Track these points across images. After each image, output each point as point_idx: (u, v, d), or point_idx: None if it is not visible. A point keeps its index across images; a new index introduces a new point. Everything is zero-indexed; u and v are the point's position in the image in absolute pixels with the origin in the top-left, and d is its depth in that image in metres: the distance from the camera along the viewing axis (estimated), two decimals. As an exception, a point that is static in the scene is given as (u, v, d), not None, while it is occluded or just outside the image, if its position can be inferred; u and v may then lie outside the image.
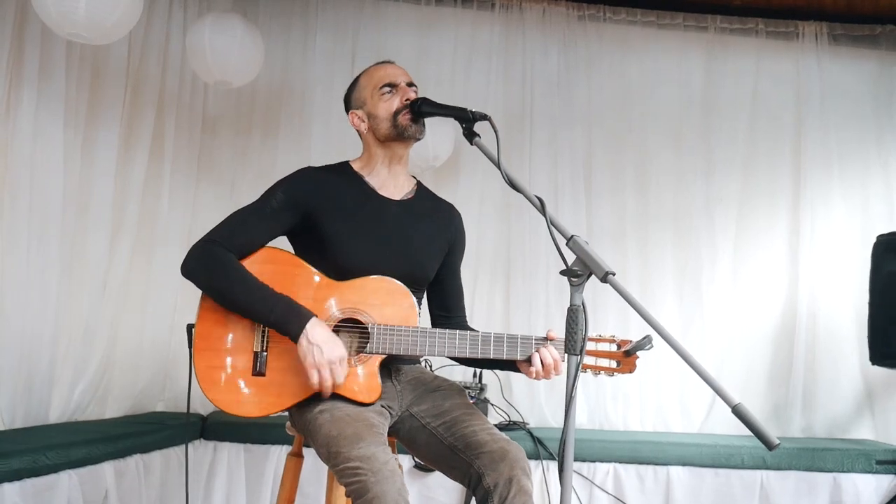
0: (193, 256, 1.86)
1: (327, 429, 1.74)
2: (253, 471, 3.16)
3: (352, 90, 2.14)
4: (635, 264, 3.80)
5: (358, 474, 1.60)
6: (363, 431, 1.72)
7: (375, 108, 2.04)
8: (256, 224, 1.93)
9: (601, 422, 3.71)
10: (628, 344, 1.89)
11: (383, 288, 1.92)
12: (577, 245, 1.56)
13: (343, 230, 1.96)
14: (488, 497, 1.75)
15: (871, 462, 3.18)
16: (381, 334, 1.88)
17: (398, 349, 1.87)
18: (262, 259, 1.92)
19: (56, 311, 3.01)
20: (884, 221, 3.72)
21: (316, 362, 1.78)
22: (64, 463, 2.42)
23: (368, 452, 1.64)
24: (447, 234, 2.16)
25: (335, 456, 1.67)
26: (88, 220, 3.21)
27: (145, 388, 3.43)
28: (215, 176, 3.76)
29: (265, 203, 1.96)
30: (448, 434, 1.88)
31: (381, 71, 2.09)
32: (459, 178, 3.84)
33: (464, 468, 1.82)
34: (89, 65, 3.18)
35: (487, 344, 1.88)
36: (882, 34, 3.91)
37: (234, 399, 1.86)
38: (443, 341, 1.88)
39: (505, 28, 3.94)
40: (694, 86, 3.95)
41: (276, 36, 3.82)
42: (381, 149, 2.07)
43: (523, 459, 1.79)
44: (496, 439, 1.82)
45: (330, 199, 1.99)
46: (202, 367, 1.87)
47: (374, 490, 1.58)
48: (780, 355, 3.76)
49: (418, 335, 1.88)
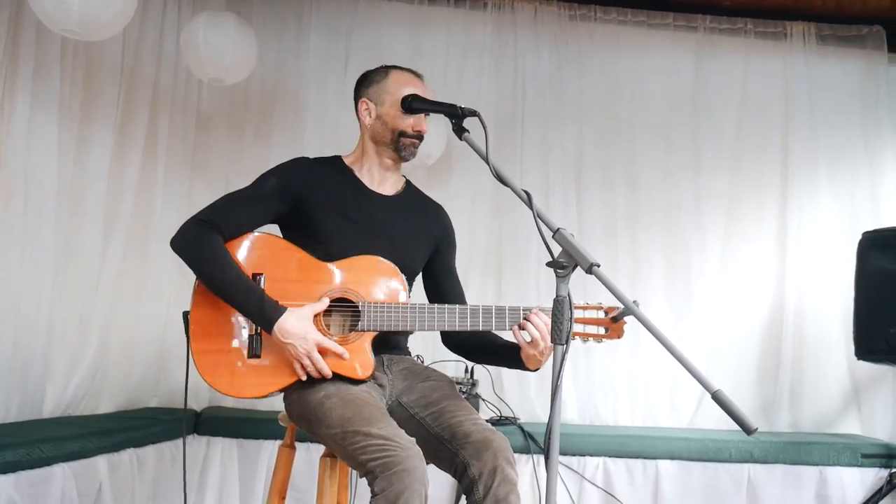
0: (185, 234, 1.92)
1: (340, 411, 1.77)
2: (246, 465, 3.18)
3: (374, 80, 2.11)
4: (625, 261, 3.84)
5: (386, 449, 1.64)
6: (378, 414, 1.77)
7: (389, 115, 2.05)
8: (248, 207, 1.98)
9: (591, 417, 3.75)
10: (615, 310, 1.92)
11: (372, 266, 1.97)
12: (563, 237, 1.59)
13: (331, 220, 2.01)
14: (473, 486, 1.79)
15: (856, 455, 3.22)
16: (372, 311, 1.92)
17: (389, 325, 1.91)
18: (254, 244, 1.98)
19: (50, 307, 3.03)
20: (869, 218, 3.76)
21: (295, 356, 1.85)
22: (58, 456, 2.44)
23: (391, 431, 1.69)
24: (434, 230, 2.20)
25: (353, 434, 1.70)
26: (83, 216, 3.23)
27: (139, 383, 3.46)
28: (209, 174, 3.78)
29: (258, 188, 2.02)
30: (435, 424, 1.91)
31: (412, 88, 2.05)
32: (452, 176, 3.88)
33: (450, 458, 1.85)
34: (83, 63, 3.20)
35: (476, 316, 1.91)
36: (868, 35, 3.95)
37: (232, 381, 1.90)
38: (432, 316, 1.92)
39: (497, 27, 3.98)
40: (684, 85, 3.99)
41: (270, 35, 3.84)
42: (374, 146, 2.11)
43: (507, 449, 1.82)
44: (481, 429, 1.84)
45: (320, 190, 2.03)
46: (198, 352, 1.91)
47: (404, 464, 1.62)
48: (767, 350, 3.81)
49: (408, 311, 1.92)
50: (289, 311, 1.86)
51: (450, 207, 3.77)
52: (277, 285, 1.94)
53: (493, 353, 2.11)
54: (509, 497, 1.77)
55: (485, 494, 1.76)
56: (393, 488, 1.60)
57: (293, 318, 1.86)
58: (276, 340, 1.86)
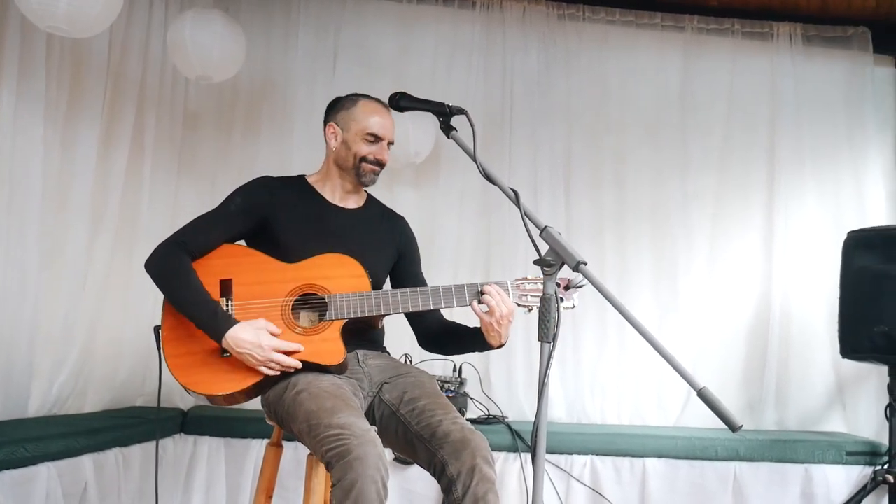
0: (154, 256, 2.05)
1: (307, 405, 1.81)
2: (233, 465, 3.17)
3: (344, 106, 2.23)
4: (613, 260, 3.85)
5: (340, 438, 1.67)
6: (341, 405, 1.80)
7: (353, 141, 2.18)
8: (215, 227, 2.10)
9: (579, 415, 3.76)
10: (566, 281, 2.02)
11: (336, 263, 2.06)
12: (550, 236, 1.60)
13: (296, 235, 2.11)
14: (452, 486, 1.81)
15: (841, 453, 3.24)
16: (339, 301, 2.00)
17: (356, 311, 1.99)
18: (220, 254, 2.08)
19: (35, 306, 3.00)
20: (854, 218, 3.78)
21: (258, 362, 1.91)
22: (42, 455, 2.42)
23: (349, 421, 1.71)
24: (395, 240, 2.30)
25: (315, 428, 1.73)
26: (68, 215, 3.20)
27: (125, 382, 3.43)
28: (196, 173, 3.76)
29: (225, 207, 2.14)
30: (415, 422, 1.93)
31: (378, 118, 2.19)
32: (440, 175, 3.88)
33: (429, 458, 1.88)
34: (69, 60, 3.16)
35: (437, 295, 2.02)
36: (854, 35, 3.98)
37: (208, 379, 1.94)
38: (396, 298, 2.01)
39: (486, 26, 3.98)
40: (671, 84, 4.00)
41: (258, 32, 3.83)
42: (337, 169, 2.23)
43: (485, 448, 1.85)
44: (459, 429, 1.86)
45: (284, 206, 2.14)
46: (172, 356, 1.97)
47: (356, 452, 1.64)
48: (754, 349, 3.83)
49: (373, 296, 2.01)
50: (241, 323, 1.93)
51: (438, 206, 3.84)
52: (245, 289, 2.03)
53: (460, 339, 2.19)
54: (488, 496, 1.79)
55: (463, 494, 1.78)
56: (347, 477, 1.63)
57: (244, 328, 1.92)
58: (232, 352, 1.91)
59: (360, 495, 1.61)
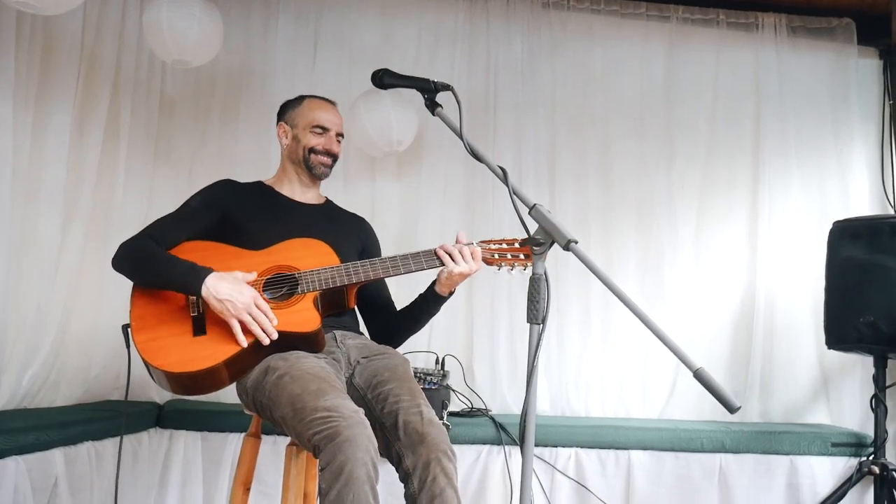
0: (119, 251, 2.08)
1: (291, 388, 1.76)
2: (210, 459, 3.09)
3: (292, 106, 2.38)
4: (598, 251, 3.80)
5: (329, 420, 1.63)
6: (326, 387, 1.75)
7: (302, 134, 2.31)
8: (179, 223, 2.16)
9: (563, 408, 3.72)
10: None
11: (303, 245, 2.14)
12: (540, 213, 1.55)
13: (260, 225, 2.16)
14: (408, 479, 1.77)
15: (826, 445, 3.24)
16: (309, 276, 2.05)
17: (326, 282, 2.04)
18: (188, 248, 2.11)
19: (4, 297, 2.89)
20: (839, 208, 3.78)
21: (234, 314, 1.88)
22: (11, 448, 2.33)
23: (336, 403, 1.68)
24: (358, 237, 2.37)
25: (300, 412, 1.69)
26: (39, 204, 3.08)
27: (99, 375, 3.33)
28: (173, 160, 3.67)
29: (185, 207, 2.22)
30: (379, 408, 1.90)
31: (323, 112, 2.34)
32: (422, 163, 3.82)
33: (387, 447, 1.83)
34: (41, 39, 3.04)
35: (406, 260, 2.09)
36: (838, 27, 3.98)
37: (183, 359, 1.90)
38: (365, 267, 2.07)
39: (469, 15, 3.93)
40: (656, 75, 3.98)
41: (237, 18, 3.75)
42: (291, 165, 2.34)
43: (444, 442, 1.80)
44: (418, 420, 1.81)
45: (246, 202, 2.22)
46: (143, 342, 1.95)
47: (345, 434, 1.60)
48: (739, 340, 3.81)
49: (342, 268, 2.07)
50: (219, 272, 1.93)
51: (422, 195, 3.77)
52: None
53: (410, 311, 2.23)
54: (445, 492, 1.74)
55: (419, 488, 1.74)
56: (336, 460, 1.58)
57: (223, 276, 1.92)
58: (213, 306, 1.88)
59: (351, 478, 1.56)
